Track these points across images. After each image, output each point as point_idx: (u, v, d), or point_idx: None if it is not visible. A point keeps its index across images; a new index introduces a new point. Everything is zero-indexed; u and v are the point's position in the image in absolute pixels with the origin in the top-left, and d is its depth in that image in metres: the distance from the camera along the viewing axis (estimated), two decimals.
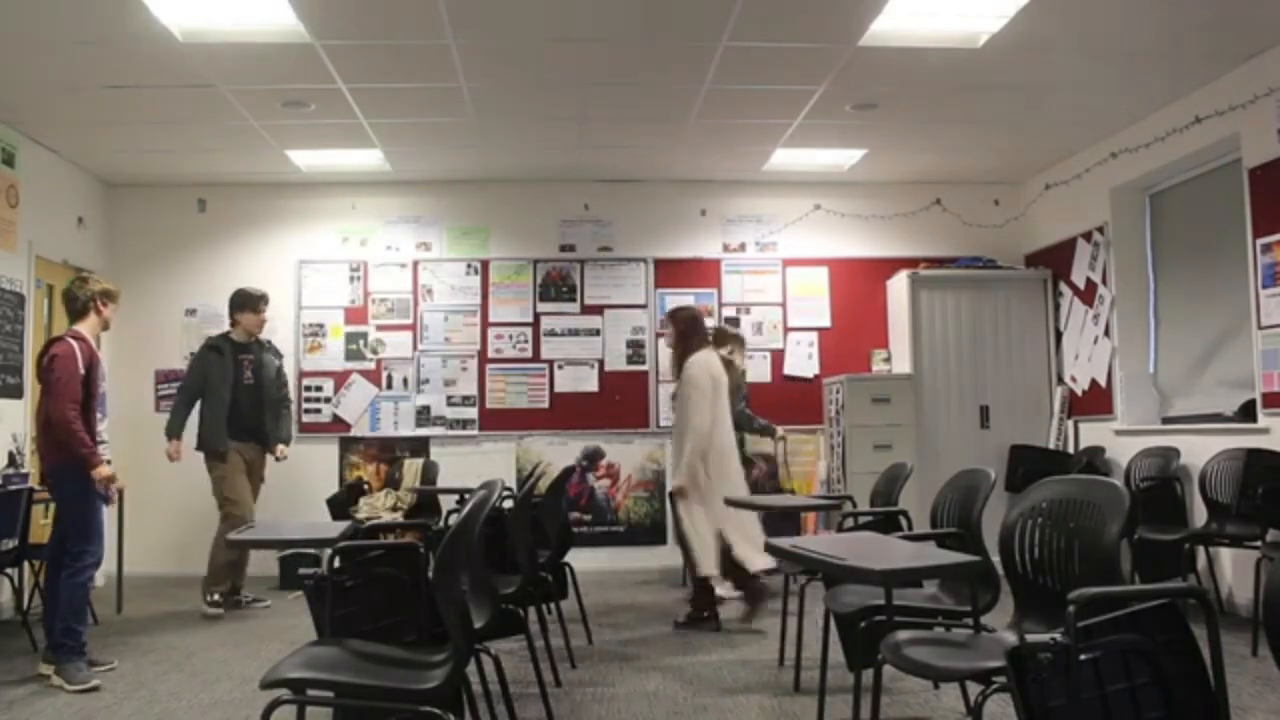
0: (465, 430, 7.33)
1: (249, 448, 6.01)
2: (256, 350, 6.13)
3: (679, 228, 7.59)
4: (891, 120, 6.13)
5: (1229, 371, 5.67)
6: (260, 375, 6.08)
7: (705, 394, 5.02)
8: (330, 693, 2.32)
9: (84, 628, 4.23)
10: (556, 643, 4.25)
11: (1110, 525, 2.40)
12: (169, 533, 6.86)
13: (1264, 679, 3.91)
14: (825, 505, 5.83)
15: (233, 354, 6.01)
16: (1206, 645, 1.96)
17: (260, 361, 6.10)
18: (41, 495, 5.18)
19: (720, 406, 5.12)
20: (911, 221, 7.65)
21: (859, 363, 7.34)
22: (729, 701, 3.81)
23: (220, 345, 6.03)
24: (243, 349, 6.07)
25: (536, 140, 6.55)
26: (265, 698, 2.24)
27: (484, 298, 7.45)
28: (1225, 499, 5.04)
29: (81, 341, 4.38)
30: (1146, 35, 4.86)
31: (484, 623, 2.75)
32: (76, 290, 4.56)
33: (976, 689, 2.39)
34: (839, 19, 4.65)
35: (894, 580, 3.00)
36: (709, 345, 5.32)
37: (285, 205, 7.44)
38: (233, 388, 5.96)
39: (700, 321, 5.36)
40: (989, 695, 2.35)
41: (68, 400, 4.22)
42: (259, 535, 3.59)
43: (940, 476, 3.78)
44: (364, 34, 4.75)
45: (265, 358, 6.16)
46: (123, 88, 5.37)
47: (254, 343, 6.15)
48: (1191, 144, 5.67)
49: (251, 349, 6.10)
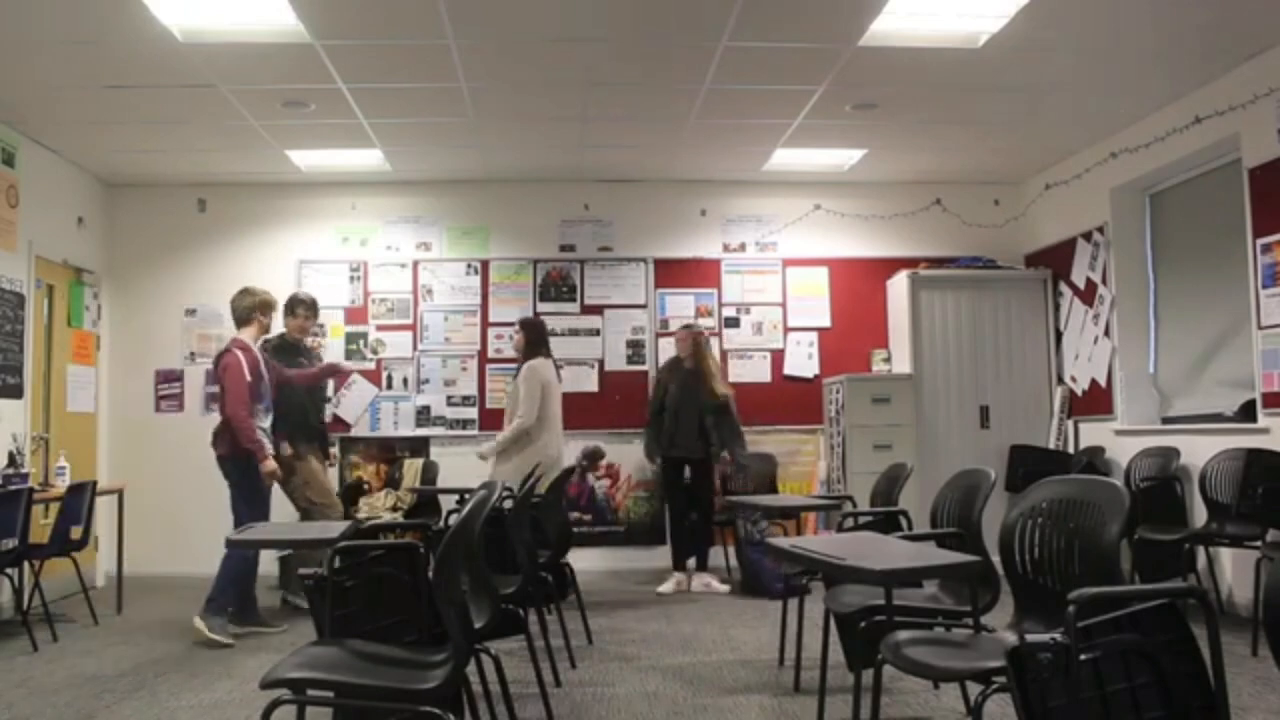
0: (465, 430, 7.33)
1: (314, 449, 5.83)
2: (307, 354, 5.95)
3: (679, 228, 7.59)
4: (891, 120, 6.13)
5: (1229, 371, 5.67)
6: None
7: (536, 394, 5.73)
8: (330, 693, 2.32)
9: (234, 594, 4.98)
10: (556, 643, 4.25)
11: (1110, 525, 2.40)
12: (169, 533, 6.86)
13: (1264, 679, 3.91)
14: (825, 505, 5.84)
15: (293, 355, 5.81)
16: (1206, 645, 1.96)
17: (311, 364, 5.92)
18: (41, 495, 5.19)
19: (551, 409, 5.83)
20: (911, 221, 7.65)
21: (859, 363, 7.34)
22: (729, 701, 3.81)
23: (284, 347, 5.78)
24: (300, 351, 5.87)
25: (536, 140, 6.55)
26: (265, 698, 2.24)
27: (484, 298, 7.45)
28: (1225, 499, 5.04)
29: (246, 351, 5.08)
30: (1146, 35, 4.86)
31: (484, 623, 2.75)
32: (238, 302, 5.26)
33: (976, 689, 2.39)
34: (839, 19, 4.65)
35: (894, 580, 3.00)
36: (546, 355, 5.97)
37: (285, 205, 7.44)
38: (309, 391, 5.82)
39: (543, 331, 6.05)
40: (989, 695, 2.35)
41: (240, 404, 4.97)
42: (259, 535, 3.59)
43: (940, 476, 3.78)
44: (364, 34, 4.75)
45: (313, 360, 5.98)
46: (123, 88, 5.37)
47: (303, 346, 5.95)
48: (1191, 144, 5.67)
49: (303, 352, 5.91)
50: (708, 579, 6.31)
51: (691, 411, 6.25)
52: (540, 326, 6.08)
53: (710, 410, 6.23)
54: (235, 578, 4.95)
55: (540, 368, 5.83)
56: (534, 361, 5.83)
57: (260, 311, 5.26)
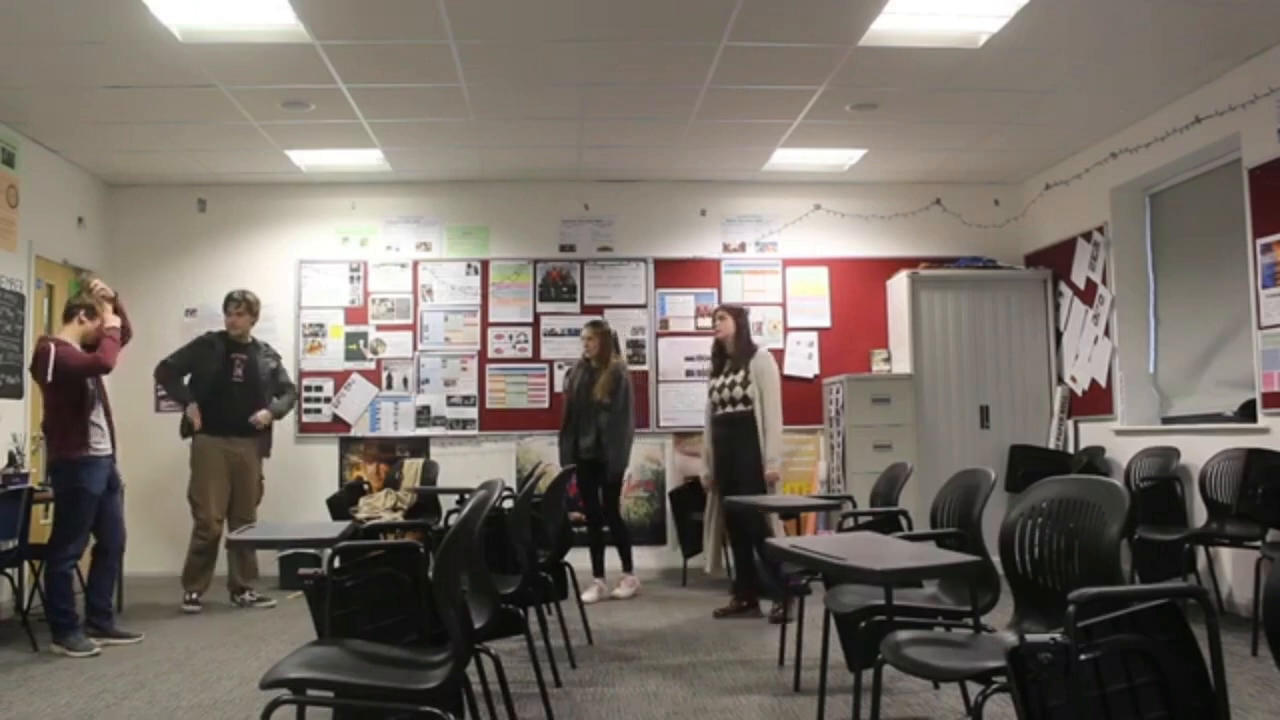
0: (465, 430, 7.33)
1: (234, 443, 6.03)
2: (251, 351, 6.17)
3: (679, 228, 7.59)
4: (891, 120, 6.13)
5: (1229, 371, 5.67)
6: (252, 375, 6.10)
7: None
8: (330, 693, 2.32)
9: (67, 609, 4.77)
10: (556, 643, 4.25)
11: (1110, 525, 2.40)
12: (169, 533, 6.86)
13: (1264, 679, 3.91)
14: (825, 505, 5.83)
15: (224, 350, 6.08)
16: (1206, 645, 1.96)
17: (254, 362, 6.13)
18: (41, 495, 5.19)
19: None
20: (911, 221, 7.65)
21: (859, 363, 7.34)
22: (729, 701, 3.81)
23: (214, 340, 6.12)
24: (236, 347, 6.13)
25: (536, 140, 6.55)
26: (265, 698, 2.24)
27: (484, 298, 7.45)
28: (1225, 499, 5.04)
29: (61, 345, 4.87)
30: (1146, 35, 4.86)
31: (484, 623, 2.75)
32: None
33: (976, 689, 2.39)
34: (839, 19, 4.65)
35: (894, 580, 3.00)
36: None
37: (285, 205, 7.44)
38: (218, 380, 6.00)
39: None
40: (989, 695, 2.35)
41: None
42: (259, 535, 3.59)
43: (940, 476, 3.78)
44: (364, 34, 4.75)
45: (260, 359, 6.19)
46: (123, 88, 5.37)
47: (250, 344, 6.18)
48: (1191, 144, 5.67)
49: (247, 349, 6.15)
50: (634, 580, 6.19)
51: (587, 415, 6.02)
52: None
53: (600, 411, 5.97)
54: (62, 594, 4.74)
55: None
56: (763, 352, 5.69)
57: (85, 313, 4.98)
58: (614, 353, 6.18)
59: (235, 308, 6.11)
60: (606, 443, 5.96)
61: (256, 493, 6.22)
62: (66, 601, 4.75)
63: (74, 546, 4.79)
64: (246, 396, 6.08)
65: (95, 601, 4.96)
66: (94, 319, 4.94)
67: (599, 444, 5.98)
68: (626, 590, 6.14)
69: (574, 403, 6.15)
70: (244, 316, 6.12)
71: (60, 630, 4.71)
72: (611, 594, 6.10)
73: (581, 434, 6.04)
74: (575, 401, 6.13)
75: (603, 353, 6.11)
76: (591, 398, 6.03)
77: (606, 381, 6.02)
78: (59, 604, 4.72)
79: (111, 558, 5.05)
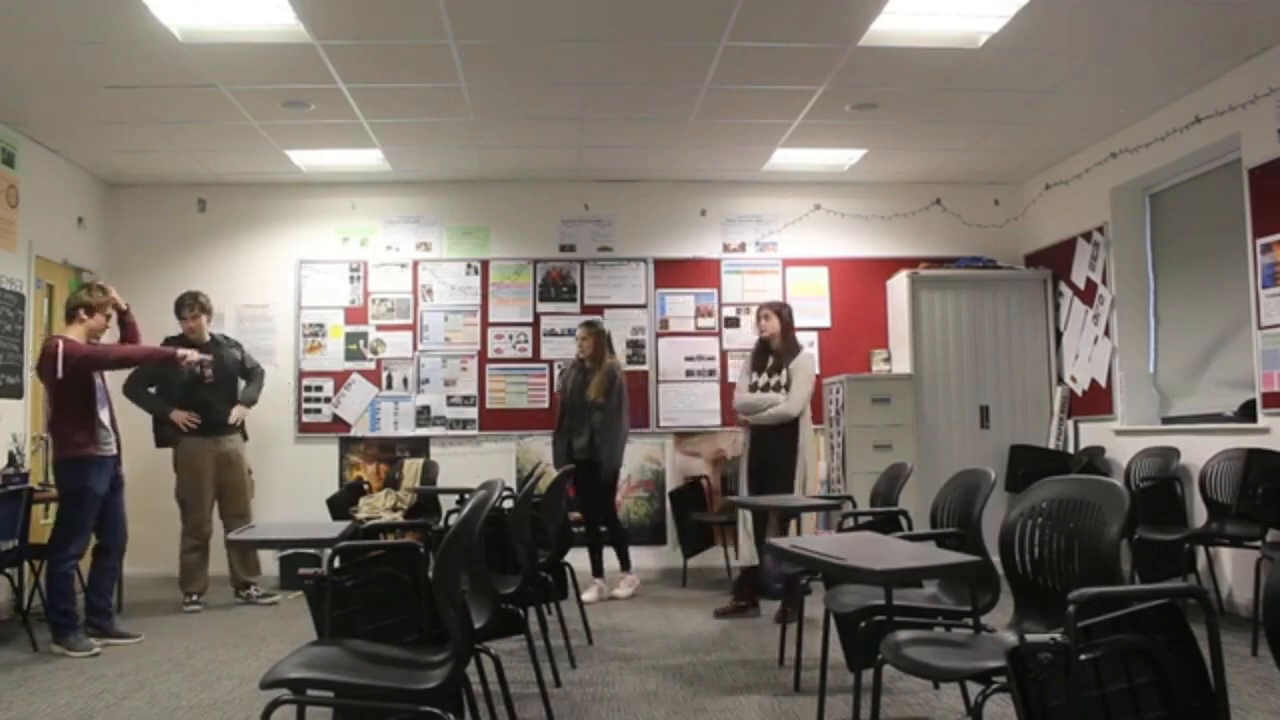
0: (465, 430, 7.33)
1: (221, 442, 6.05)
2: (214, 349, 6.10)
3: (679, 228, 7.59)
4: (891, 120, 6.13)
5: (1229, 371, 5.67)
6: (222, 372, 6.09)
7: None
8: (330, 693, 2.32)
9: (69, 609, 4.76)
10: (556, 643, 4.25)
11: (1110, 525, 2.40)
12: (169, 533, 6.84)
13: (1264, 679, 3.91)
14: (825, 505, 5.83)
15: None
16: (1206, 645, 1.96)
17: (220, 358, 6.09)
18: (41, 495, 5.19)
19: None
20: (911, 221, 7.65)
21: (859, 363, 7.34)
22: (729, 701, 3.81)
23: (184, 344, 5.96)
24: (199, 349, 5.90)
25: (536, 140, 6.55)
26: (265, 698, 2.24)
27: (484, 298, 7.45)
28: (1225, 499, 5.04)
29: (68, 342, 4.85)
30: (1146, 35, 4.86)
31: (484, 623, 2.75)
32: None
33: (976, 689, 2.39)
34: (839, 19, 4.65)
35: (894, 580, 3.00)
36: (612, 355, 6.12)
37: (285, 205, 7.44)
38: (191, 385, 5.94)
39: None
40: (989, 695, 2.35)
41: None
42: (259, 535, 3.59)
43: (940, 476, 3.78)
44: (364, 34, 4.75)
45: (225, 353, 6.18)
46: (123, 88, 5.37)
47: (209, 341, 6.14)
48: (1191, 144, 5.67)
49: (209, 349, 6.02)
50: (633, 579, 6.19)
51: (581, 415, 6.03)
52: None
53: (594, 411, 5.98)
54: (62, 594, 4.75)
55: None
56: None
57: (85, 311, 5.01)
58: (609, 353, 6.19)
59: (189, 311, 6.08)
60: (600, 443, 5.97)
61: (249, 486, 6.23)
62: (67, 601, 4.76)
63: (75, 546, 4.80)
64: (222, 394, 6.10)
65: (95, 601, 4.97)
66: (94, 315, 4.95)
67: (593, 444, 5.98)
68: (626, 590, 6.13)
69: (568, 403, 6.16)
70: (199, 318, 6.10)
71: (60, 630, 4.72)
72: (611, 594, 6.09)
73: (575, 434, 6.05)
74: (569, 402, 6.15)
75: (597, 353, 6.12)
76: (585, 398, 6.04)
77: (600, 381, 6.03)
78: (59, 604, 4.73)
79: (113, 558, 5.06)
